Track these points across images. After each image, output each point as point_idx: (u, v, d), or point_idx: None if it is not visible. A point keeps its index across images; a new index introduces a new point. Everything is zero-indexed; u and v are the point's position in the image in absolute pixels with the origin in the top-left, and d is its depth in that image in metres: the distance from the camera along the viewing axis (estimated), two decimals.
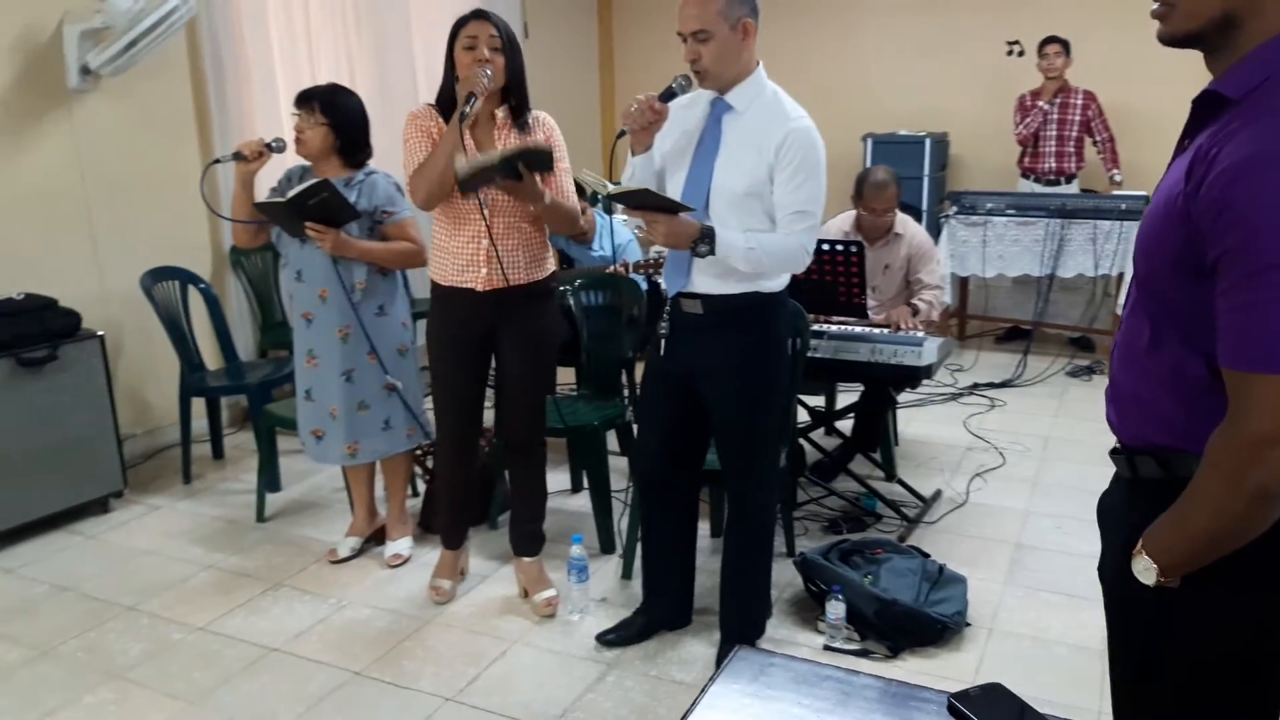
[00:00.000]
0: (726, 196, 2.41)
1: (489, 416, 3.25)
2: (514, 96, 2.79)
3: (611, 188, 2.36)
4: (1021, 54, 6.31)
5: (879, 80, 6.88)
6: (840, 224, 4.02)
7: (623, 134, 2.45)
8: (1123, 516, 1.34)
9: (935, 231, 5.70)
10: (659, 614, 2.84)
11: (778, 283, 2.53)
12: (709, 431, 2.67)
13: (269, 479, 3.87)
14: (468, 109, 2.58)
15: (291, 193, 2.90)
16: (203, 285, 4.29)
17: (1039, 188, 5.83)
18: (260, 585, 3.21)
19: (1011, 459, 4.18)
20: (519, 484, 3.08)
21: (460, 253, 2.81)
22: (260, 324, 4.88)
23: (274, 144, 3.15)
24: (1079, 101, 5.73)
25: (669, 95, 2.42)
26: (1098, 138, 5.78)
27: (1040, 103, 5.74)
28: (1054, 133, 5.78)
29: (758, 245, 2.36)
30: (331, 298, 3.12)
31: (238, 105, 4.69)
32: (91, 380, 3.71)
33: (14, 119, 3.87)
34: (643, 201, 2.36)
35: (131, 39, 3.87)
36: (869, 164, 6.00)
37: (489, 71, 2.63)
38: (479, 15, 2.71)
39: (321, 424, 3.24)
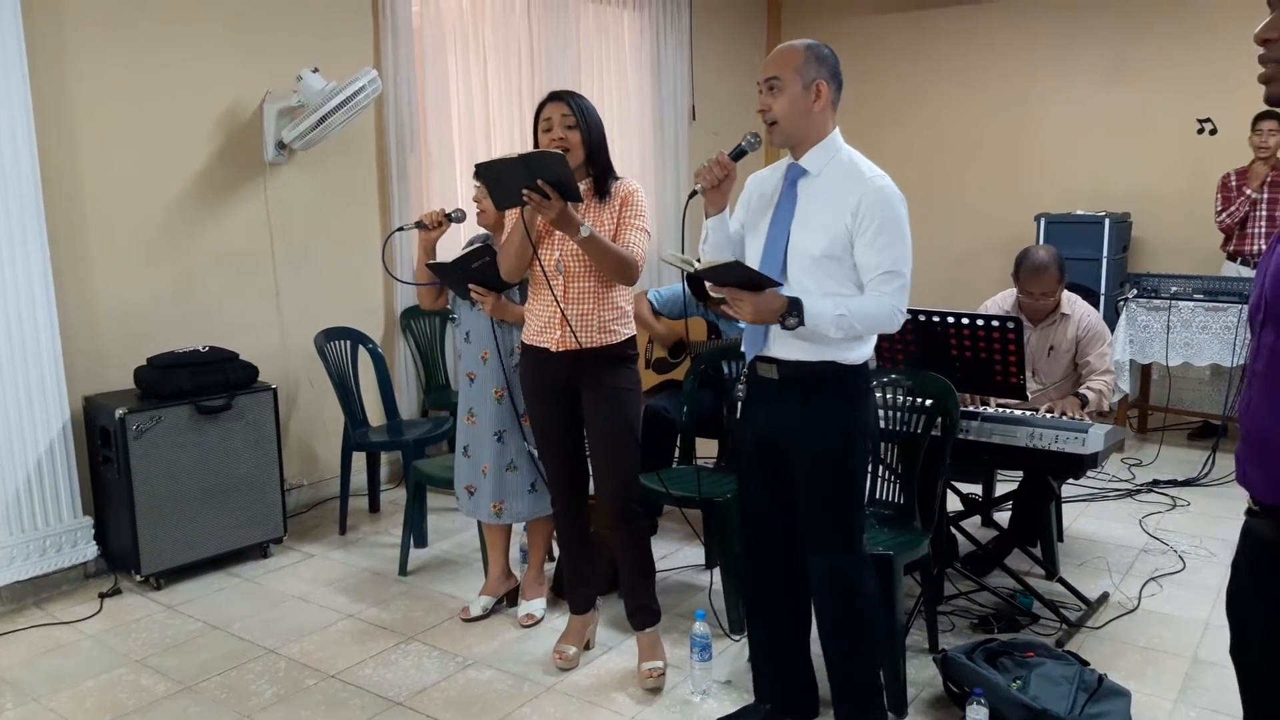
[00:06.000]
0: (803, 260, 2.37)
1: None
2: (593, 167, 2.85)
3: (698, 265, 2.32)
4: (1214, 132, 5.91)
5: (1054, 158, 6.57)
6: (1000, 302, 3.83)
7: (694, 194, 2.45)
8: (1272, 585, 1.24)
9: (1114, 316, 5.35)
10: (778, 702, 2.68)
11: (858, 354, 2.42)
12: None
13: (416, 534, 3.98)
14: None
15: (457, 254, 3.04)
16: (371, 345, 4.52)
17: (1247, 271, 5.29)
18: (394, 638, 3.28)
19: (1193, 564, 3.80)
20: (620, 555, 3.03)
21: (539, 315, 2.90)
22: (424, 385, 5.09)
23: (453, 214, 3.36)
24: None
25: (739, 153, 2.44)
26: None
27: (1247, 190, 5.24)
28: (1264, 213, 5.27)
29: (848, 311, 2.30)
30: (491, 360, 3.24)
31: (416, 178, 4.99)
32: (262, 430, 3.95)
33: (216, 188, 4.24)
34: (731, 277, 2.32)
35: (322, 115, 4.18)
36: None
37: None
38: (553, 97, 2.83)
39: (475, 480, 3.34)
